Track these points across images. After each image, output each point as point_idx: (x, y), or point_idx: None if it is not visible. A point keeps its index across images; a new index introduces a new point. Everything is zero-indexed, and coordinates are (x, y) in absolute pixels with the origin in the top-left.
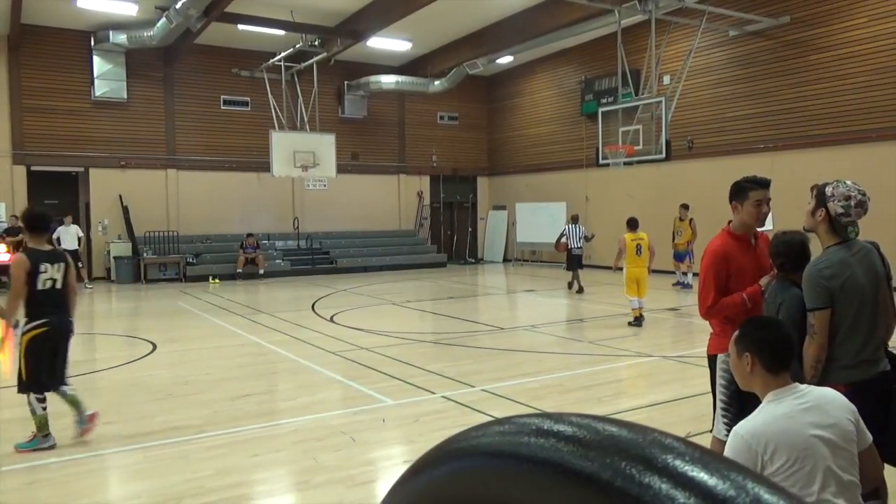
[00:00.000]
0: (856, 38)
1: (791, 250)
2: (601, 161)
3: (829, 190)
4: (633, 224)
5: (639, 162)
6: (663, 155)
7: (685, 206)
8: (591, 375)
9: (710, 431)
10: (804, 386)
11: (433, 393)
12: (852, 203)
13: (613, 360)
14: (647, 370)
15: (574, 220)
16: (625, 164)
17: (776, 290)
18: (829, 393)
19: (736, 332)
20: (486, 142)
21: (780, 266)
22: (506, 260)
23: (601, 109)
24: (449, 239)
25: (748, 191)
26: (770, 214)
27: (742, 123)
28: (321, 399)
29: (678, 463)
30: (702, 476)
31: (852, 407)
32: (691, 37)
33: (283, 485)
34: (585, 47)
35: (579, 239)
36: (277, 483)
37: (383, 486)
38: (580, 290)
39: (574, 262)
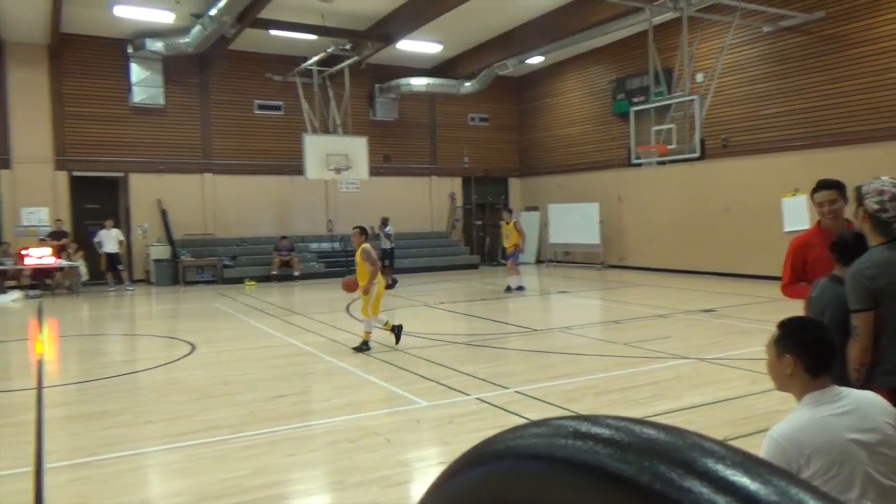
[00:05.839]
0: (893, 31)
1: (850, 237)
2: (633, 161)
3: (864, 188)
4: (366, 233)
5: (672, 161)
6: (697, 154)
7: (509, 211)
8: (627, 377)
9: None
10: (843, 389)
11: (467, 394)
12: (886, 198)
13: (649, 362)
14: (683, 372)
15: (384, 222)
16: (658, 163)
17: (825, 289)
18: (868, 396)
19: (775, 333)
20: (517, 142)
21: (832, 248)
22: (539, 261)
23: (633, 109)
24: (481, 240)
25: (813, 193)
26: (807, 215)
27: (777, 121)
28: (355, 400)
29: (719, 467)
30: (743, 480)
31: (893, 411)
32: (724, 33)
33: (318, 485)
34: (616, 46)
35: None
36: (313, 483)
37: (418, 487)
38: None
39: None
